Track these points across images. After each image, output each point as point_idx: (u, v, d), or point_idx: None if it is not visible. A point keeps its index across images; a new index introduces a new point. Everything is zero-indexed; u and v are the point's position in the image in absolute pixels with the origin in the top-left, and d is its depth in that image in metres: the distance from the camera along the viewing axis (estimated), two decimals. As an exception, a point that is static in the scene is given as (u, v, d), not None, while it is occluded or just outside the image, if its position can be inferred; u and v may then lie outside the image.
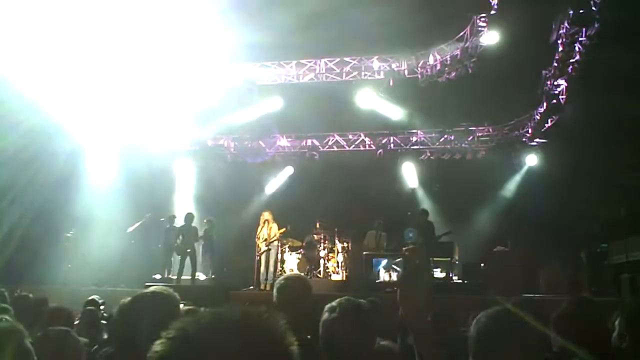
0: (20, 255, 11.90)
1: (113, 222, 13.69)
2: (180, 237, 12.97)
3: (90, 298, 6.98)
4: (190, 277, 12.77)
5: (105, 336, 4.59)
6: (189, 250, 12.87)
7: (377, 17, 11.66)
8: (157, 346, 0.90)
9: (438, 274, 12.95)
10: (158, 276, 12.94)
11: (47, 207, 12.98)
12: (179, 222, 13.54)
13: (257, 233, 12.49)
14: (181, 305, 2.69)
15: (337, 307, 2.32)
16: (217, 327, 0.90)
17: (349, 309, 2.34)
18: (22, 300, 4.75)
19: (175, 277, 12.74)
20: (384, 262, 12.50)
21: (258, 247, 12.45)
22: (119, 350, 1.94)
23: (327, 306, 2.36)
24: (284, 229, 12.99)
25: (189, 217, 13.36)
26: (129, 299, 2.10)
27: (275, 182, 17.71)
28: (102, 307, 6.83)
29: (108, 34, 11.77)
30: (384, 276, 12.66)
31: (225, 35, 12.11)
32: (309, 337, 2.66)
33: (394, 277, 12.47)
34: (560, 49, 11.79)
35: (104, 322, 5.75)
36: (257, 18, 11.56)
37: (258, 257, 12.43)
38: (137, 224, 13.59)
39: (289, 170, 17.64)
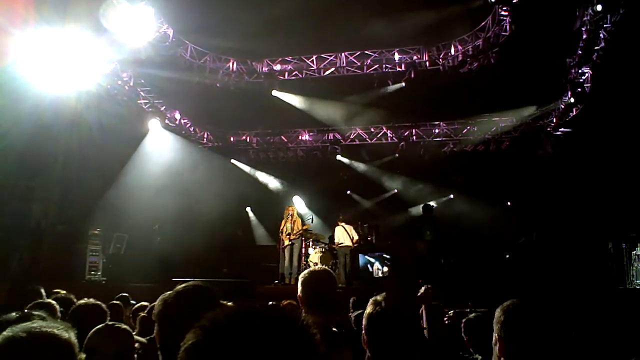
0: (47, 252, 12.09)
1: (140, 219, 13.88)
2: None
3: (120, 294, 7.12)
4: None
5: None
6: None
7: (398, 9, 11.62)
8: (190, 335, 0.95)
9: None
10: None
11: (73, 204, 13.19)
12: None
13: (281, 227, 12.53)
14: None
15: (383, 302, 2.32)
16: (246, 320, 0.94)
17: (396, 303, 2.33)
18: (54, 297, 4.83)
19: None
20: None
21: (282, 241, 12.50)
22: (159, 343, 1.98)
23: (372, 300, 2.36)
24: (307, 225, 13.03)
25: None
26: (172, 292, 2.14)
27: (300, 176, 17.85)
28: (132, 303, 6.97)
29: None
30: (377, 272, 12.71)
31: (247, 31, 12.18)
32: (334, 329, 2.69)
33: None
34: (585, 36, 11.59)
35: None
36: (277, 13, 11.58)
37: (282, 252, 12.48)
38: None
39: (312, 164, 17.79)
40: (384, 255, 12.74)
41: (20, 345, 1.60)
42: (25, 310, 2.67)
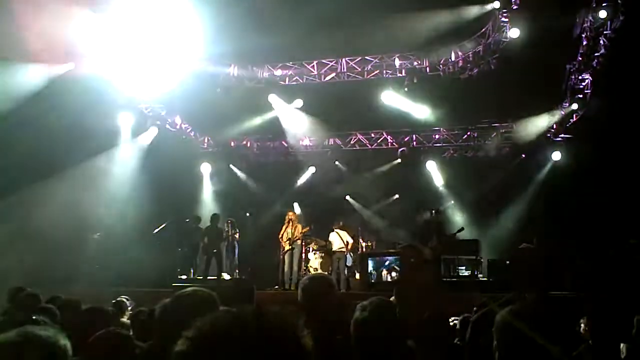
0: (47, 257, 12.06)
1: (139, 223, 13.86)
2: (206, 238, 13.16)
3: (118, 299, 7.09)
4: (215, 277, 12.89)
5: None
6: (215, 251, 13.04)
7: (398, 14, 11.64)
8: (178, 345, 0.97)
9: (463, 271, 12.93)
10: (184, 277, 13.14)
11: (74, 208, 13.17)
12: (204, 222, 13.79)
13: (281, 233, 12.54)
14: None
15: (369, 306, 2.32)
16: (229, 327, 0.95)
17: (381, 308, 2.33)
18: (55, 302, 4.82)
19: (200, 277, 12.89)
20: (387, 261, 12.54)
21: (282, 247, 12.50)
22: (157, 349, 1.98)
23: (359, 305, 2.36)
24: (307, 228, 13.02)
25: (214, 217, 13.56)
26: (171, 298, 2.15)
27: (299, 182, 17.86)
28: (129, 307, 6.95)
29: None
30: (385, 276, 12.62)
31: (246, 36, 12.17)
32: (338, 337, 2.68)
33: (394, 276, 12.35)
34: (585, 42, 11.61)
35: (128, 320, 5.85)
36: (278, 18, 11.61)
37: (282, 257, 12.47)
38: (162, 226, 13.75)
39: (311, 170, 17.78)
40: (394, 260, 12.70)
41: (13, 349, 1.59)
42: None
